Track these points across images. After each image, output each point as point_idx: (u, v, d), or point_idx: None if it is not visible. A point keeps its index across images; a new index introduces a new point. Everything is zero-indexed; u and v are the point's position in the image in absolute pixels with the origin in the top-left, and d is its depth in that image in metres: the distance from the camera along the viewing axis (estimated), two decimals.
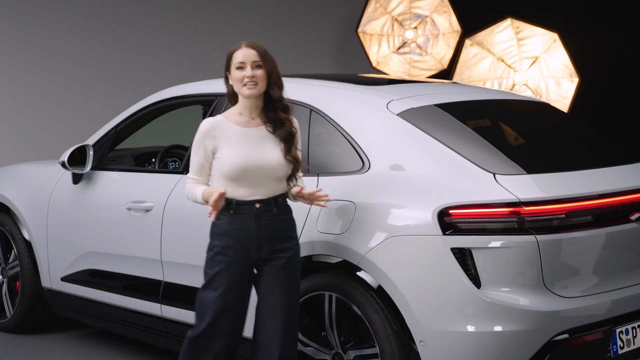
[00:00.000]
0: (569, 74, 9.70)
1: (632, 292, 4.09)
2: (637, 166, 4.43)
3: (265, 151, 3.82)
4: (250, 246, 3.81)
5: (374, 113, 4.27)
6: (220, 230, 3.84)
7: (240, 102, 3.90)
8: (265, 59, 3.86)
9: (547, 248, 3.75)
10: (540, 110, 4.89)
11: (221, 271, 3.82)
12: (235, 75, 3.83)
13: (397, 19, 10.31)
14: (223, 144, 3.82)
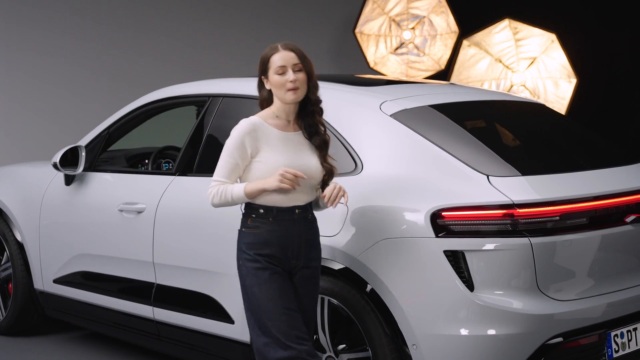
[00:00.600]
0: (567, 75, 9.67)
1: (628, 295, 4.05)
2: (633, 167, 4.39)
3: (306, 157, 3.67)
4: (291, 254, 3.66)
5: (367, 114, 4.23)
6: (261, 239, 3.64)
7: (277, 104, 3.70)
8: (305, 60, 3.68)
9: (541, 250, 3.72)
10: (536, 112, 4.86)
11: (273, 284, 3.61)
12: (275, 81, 3.64)
13: (394, 19, 10.28)
14: (264, 147, 3.63)
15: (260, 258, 3.61)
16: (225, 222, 4.41)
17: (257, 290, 3.61)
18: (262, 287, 3.61)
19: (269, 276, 3.60)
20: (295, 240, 3.65)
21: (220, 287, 4.46)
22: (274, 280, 3.61)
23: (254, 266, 3.62)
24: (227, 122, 4.77)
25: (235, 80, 5.02)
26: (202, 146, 4.76)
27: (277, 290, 3.60)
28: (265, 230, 3.63)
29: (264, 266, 3.61)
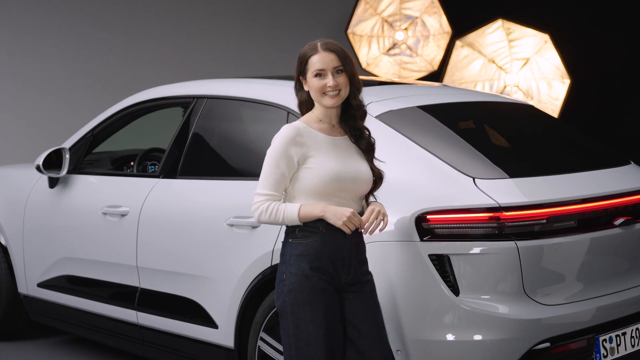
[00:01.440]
0: (560, 76, 9.62)
1: (617, 299, 4.00)
2: (623, 169, 4.34)
3: (357, 162, 3.43)
4: (341, 268, 3.39)
5: None
6: (310, 250, 3.35)
7: (318, 108, 3.46)
8: (346, 62, 3.41)
9: (527, 254, 3.65)
10: (525, 113, 4.79)
11: (317, 298, 3.34)
12: (313, 84, 3.39)
13: (387, 20, 10.22)
14: (313, 152, 3.36)
15: (310, 273, 3.34)
16: (210, 225, 4.36)
17: (299, 309, 3.34)
18: (307, 307, 3.33)
19: (317, 295, 3.33)
20: (347, 252, 3.39)
21: (204, 291, 4.40)
22: (322, 299, 3.34)
23: (301, 282, 3.34)
24: (212, 124, 4.73)
25: (220, 82, 4.96)
26: (186, 148, 4.70)
27: (323, 312, 3.33)
28: (315, 240, 3.35)
29: (313, 283, 3.34)
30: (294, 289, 3.35)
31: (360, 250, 3.45)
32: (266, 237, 4.10)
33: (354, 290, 3.42)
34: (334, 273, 3.38)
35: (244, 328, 4.22)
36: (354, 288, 3.42)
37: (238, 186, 4.37)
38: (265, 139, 4.43)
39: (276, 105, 4.38)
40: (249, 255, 4.17)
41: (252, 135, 4.61)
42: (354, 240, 3.41)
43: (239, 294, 4.21)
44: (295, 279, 3.35)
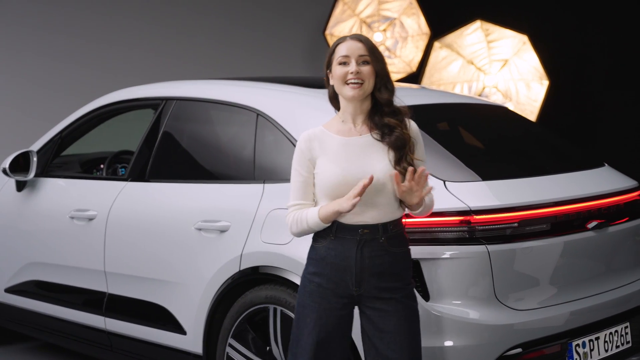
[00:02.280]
0: (539, 77, 9.59)
1: (591, 303, 3.95)
2: (596, 172, 4.29)
3: (369, 162, 3.22)
4: (349, 280, 3.24)
5: (323, 117, 4.07)
6: (317, 255, 3.27)
7: (343, 107, 3.32)
8: (374, 54, 3.25)
9: (499, 258, 3.60)
10: (499, 115, 4.74)
11: (312, 304, 3.26)
12: (337, 72, 3.24)
13: (365, 21, 10.16)
14: (321, 157, 3.26)
15: (312, 277, 3.26)
16: (178, 229, 4.29)
17: (299, 312, 3.30)
18: (305, 310, 3.28)
19: (314, 301, 3.25)
20: (354, 264, 3.21)
21: (172, 296, 4.33)
22: (318, 306, 3.24)
23: (304, 284, 3.30)
24: (181, 126, 4.65)
25: (189, 83, 4.88)
26: (154, 151, 4.62)
27: (314, 320, 3.24)
28: (323, 246, 3.26)
29: (312, 288, 3.26)
30: (300, 290, 3.32)
31: (379, 265, 3.22)
32: (235, 241, 4.03)
33: (374, 308, 3.24)
34: (340, 283, 3.23)
35: (212, 334, 4.15)
36: (373, 305, 3.24)
37: (207, 189, 4.30)
38: (235, 142, 4.40)
39: (245, 107, 4.31)
40: (217, 260, 4.10)
41: (221, 137, 4.54)
42: (369, 251, 3.21)
43: (207, 299, 4.13)
44: (302, 280, 3.31)
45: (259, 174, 4.13)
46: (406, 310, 3.25)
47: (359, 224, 3.21)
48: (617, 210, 4.10)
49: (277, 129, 4.14)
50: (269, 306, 3.90)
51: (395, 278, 3.24)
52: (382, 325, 3.23)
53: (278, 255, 3.86)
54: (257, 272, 3.96)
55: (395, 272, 3.25)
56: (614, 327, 4.01)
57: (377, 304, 3.23)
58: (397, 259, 3.26)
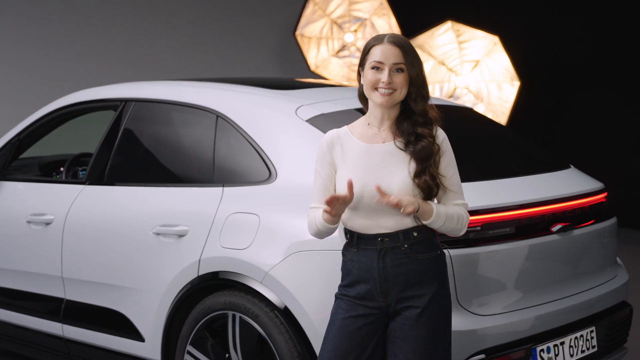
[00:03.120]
0: (510, 78, 9.57)
1: (556, 307, 3.89)
2: (561, 174, 4.23)
3: (388, 173, 3.07)
4: (375, 291, 3.11)
5: (282, 119, 4.01)
6: (345, 269, 3.17)
7: (370, 109, 3.17)
8: (412, 61, 3.08)
9: (461, 263, 3.52)
10: (463, 116, 4.66)
11: (337, 313, 3.15)
12: (368, 77, 3.09)
13: (336, 21, 10.09)
14: (341, 163, 3.13)
15: (343, 290, 3.15)
16: (136, 234, 4.20)
17: (328, 327, 3.19)
18: (331, 327, 3.16)
19: (337, 317, 3.14)
20: (377, 274, 3.09)
21: (130, 303, 4.24)
22: (340, 322, 3.13)
23: (336, 297, 3.20)
24: (139, 128, 4.56)
25: (148, 84, 4.78)
26: (113, 153, 4.52)
27: (336, 327, 3.13)
28: (349, 259, 3.15)
29: (338, 303, 3.17)
30: (335, 301, 3.21)
31: (404, 274, 3.10)
32: (193, 246, 3.95)
33: (400, 316, 3.12)
34: (367, 295, 3.11)
35: (171, 341, 4.06)
36: (401, 315, 3.12)
37: (165, 193, 4.21)
38: (194, 144, 4.31)
39: (205, 109, 4.22)
40: (175, 265, 4.01)
41: (180, 140, 4.44)
42: (391, 260, 3.09)
43: (165, 305, 4.04)
44: (336, 295, 3.21)
45: (218, 177, 4.04)
46: (430, 320, 3.11)
47: (377, 233, 3.10)
48: (582, 213, 4.04)
49: (236, 130, 4.06)
50: (228, 312, 3.81)
51: (422, 286, 3.11)
52: (403, 334, 3.11)
53: (237, 261, 3.77)
54: (216, 278, 3.88)
55: (422, 280, 3.11)
56: (579, 331, 3.95)
57: (403, 312, 3.11)
58: (423, 265, 3.12)
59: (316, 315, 3.55)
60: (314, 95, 4.30)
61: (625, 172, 9.78)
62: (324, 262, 3.55)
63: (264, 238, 3.72)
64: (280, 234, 3.69)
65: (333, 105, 4.10)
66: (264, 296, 3.68)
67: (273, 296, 3.66)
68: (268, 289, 3.67)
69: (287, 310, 3.63)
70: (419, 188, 3.06)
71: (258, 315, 3.70)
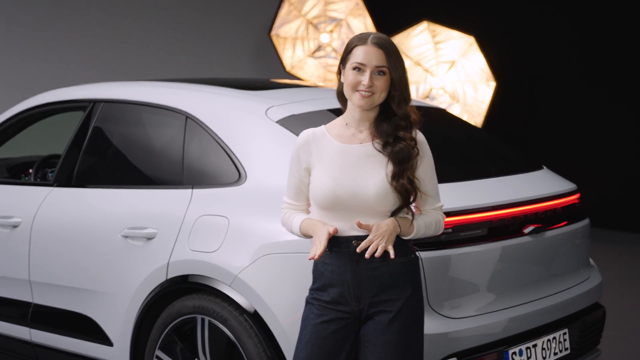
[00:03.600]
0: (486, 78, 9.56)
1: (529, 309, 3.86)
2: (534, 175, 4.21)
3: (364, 175, 3.01)
4: (347, 294, 3.06)
5: (252, 120, 3.96)
6: (317, 271, 3.10)
7: (349, 109, 3.10)
8: (395, 64, 3.01)
9: (432, 265, 3.48)
10: (436, 117, 4.60)
11: (310, 318, 3.08)
12: (349, 77, 3.02)
13: (311, 22, 10.05)
14: (316, 163, 3.08)
15: (314, 294, 3.09)
16: (104, 237, 4.14)
17: (301, 332, 3.12)
18: (302, 324, 3.11)
19: (313, 313, 3.07)
20: (351, 277, 3.03)
21: (98, 307, 4.18)
22: (314, 322, 3.06)
23: (307, 300, 3.13)
24: (108, 130, 4.50)
25: (117, 85, 4.71)
26: (81, 155, 4.45)
27: (309, 333, 3.06)
28: (321, 262, 3.08)
29: (309, 308, 3.10)
30: (306, 305, 3.14)
31: (377, 277, 3.04)
32: (161, 249, 3.89)
33: (372, 320, 3.07)
34: (340, 299, 3.05)
35: (139, 346, 4.00)
36: (373, 320, 3.06)
37: (134, 195, 4.15)
38: (163, 145, 4.25)
39: (174, 110, 4.17)
40: (144, 269, 3.95)
41: (149, 141, 4.38)
42: (365, 264, 3.02)
43: (134, 309, 3.98)
44: (306, 298, 3.14)
45: (187, 179, 3.99)
46: (403, 324, 3.07)
47: (352, 236, 3.03)
48: (554, 214, 4.01)
49: (206, 132, 4.00)
50: (197, 316, 3.76)
51: (395, 290, 3.06)
52: (375, 339, 3.06)
53: (206, 264, 3.72)
54: (185, 281, 3.82)
55: (395, 284, 3.06)
56: (552, 333, 3.93)
57: (376, 317, 3.06)
58: (397, 269, 3.06)
59: (286, 319, 3.51)
60: (285, 96, 4.26)
61: (600, 172, 9.80)
62: (294, 265, 3.51)
63: (233, 241, 3.67)
64: (250, 236, 3.64)
65: (304, 106, 4.06)
66: (233, 300, 3.63)
67: (242, 300, 3.61)
68: (237, 293, 3.62)
69: (257, 314, 3.58)
70: (396, 192, 3.01)
71: (227, 319, 3.65)
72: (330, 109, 4.06)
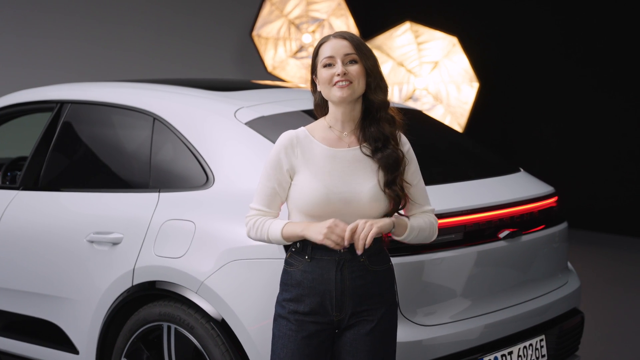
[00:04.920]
0: (469, 79, 9.48)
1: (506, 315, 3.77)
2: (510, 178, 4.12)
3: (357, 181, 2.92)
4: (330, 305, 2.95)
5: (220, 122, 3.86)
6: (292, 280, 2.97)
7: (331, 112, 3.00)
8: (362, 51, 2.93)
9: (404, 271, 3.38)
10: (410, 118, 4.50)
11: (288, 335, 2.96)
12: (322, 76, 2.94)
13: (293, 22, 9.95)
14: (302, 167, 2.94)
15: (289, 305, 2.95)
16: (69, 242, 4.03)
17: (275, 343, 2.99)
18: (280, 342, 2.97)
19: (291, 329, 2.95)
20: (334, 287, 2.93)
21: (64, 313, 4.07)
22: (294, 337, 2.94)
23: (280, 313, 2.99)
24: (75, 131, 4.39)
25: (84, 85, 4.60)
26: (47, 158, 4.34)
27: (292, 351, 2.94)
28: (298, 269, 2.95)
29: (285, 322, 2.97)
30: (274, 319, 3.01)
31: (360, 287, 2.96)
32: (127, 255, 3.79)
33: (351, 330, 2.98)
34: (319, 309, 2.94)
35: (105, 353, 3.89)
36: (352, 330, 2.98)
37: (100, 199, 4.04)
38: (130, 148, 4.14)
39: (141, 111, 4.06)
40: (109, 275, 3.84)
41: (117, 143, 4.27)
42: (349, 272, 2.94)
43: (99, 316, 3.88)
44: (276, 308, 3.01)
45: (154, 182, 3.88)
46: (381, 334, 3.00)
47: None
48: (531, 218, 3.92)
49: (174, 134, 3.90)
50: (163, 324, 3.66)
51: (376, 299, 2.99)
52: (354, 349, 2.98)
53: (171, 270, 3.62)
54: (151, 288, 3.72)
55: (376, 292, 2.99)
56: (529, 340, 3.84)
57: (355, 327, 2.98)
58: (379, 277, 3.00)
59: (253, 326, 3.41)
60: (256, 97, 4.15)
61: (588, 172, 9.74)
62: (261, 271, 3.41)
63: (199, 246, 3.56)
64: (216, 241, 3.54)
65: (275, 107, 3.96)
66: (200, 307, 3.53)
67: (209, 307, 3.51)
68: (203, 299, 3.52)
69: (224, 322, 3.48)
70: (389, 198, 2.95)
71: (193, 327, 3.55)
72: (303, 110, 3.97)
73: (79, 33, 9.49)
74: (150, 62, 9.95)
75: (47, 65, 9.15)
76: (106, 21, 9.71)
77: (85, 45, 9.49)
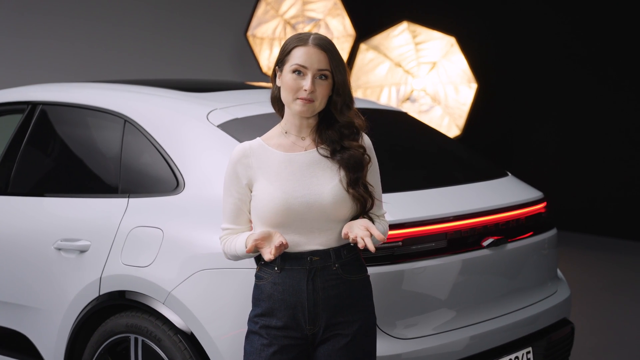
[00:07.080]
0: (467, 80, 9.34)
1: (491, 326, 3.62)
2: (496, 183, 3.95)
3: (317, 183, 2.79)
4: (302, 317, 2.80)
5: (192, 124, 3.69)
6: (262, 294, 2.82)
7: (287, 117, 2.88)
8: (338, 66, 2.78)
9: (382, 282, 3.22)
10: (392, 120, 4.35)
11: (259, 350, 2.80)
12: (287, 81, 2.79)
13: (289, 22, 9.80)
14: (259, 177, 2.81)
15: (261, 320, 2.81)
16: (36, 249, 3.88)
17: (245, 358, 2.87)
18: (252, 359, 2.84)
19: (263, 345, 2.80)
20: (306, 297, 2.78)
21: (31, 323, 3.91)
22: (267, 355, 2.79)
23: (252, 329, 2.85)
24: (45, 134, 4.23)
25: (54, 86, 4.43)
26: (17, 161, 4.18)
27: None
28: (268, 282, 2.81)
29: (260, 333, 2.82)
30: (246, 336, 2.87)
31: (334, 297, 2.81)
32: (94, 263, 3.63)
33: (325, 345, 2.83)
34: (291, 323, 2.79)
35: None
36: (326, 344, 2.83)
37: (69, 204, 3.88)
38: (101, 151, 3.98)
39: (112, 113, 3.90)
40: (77, 283, 3.69)
41: (87, 146, 4.11)
42: (322, 281, 2.79)
43: (67, 326, 3.73)
44: (249, 325, 2.86)
45: (124, 187, 3.72)
46: (358, 348, 2.85)
47: (307, 251, 2.79)
48: (518, 225, 3.75)
49: (144, 136, 3.74)
50: (130, 336, 3.50)
51: (352, 310, 2.84)
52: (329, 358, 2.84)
53: (138, 279, 3.46)
54: (120, 297, 3.56)
55: (352, 303, 2.84)
56: (515, 352, 3.68)
57: (331, 340, 2.83)
58: (354, 287, 2.85)
59: (220, 338, 3.25)
60: (231, 98, 3.98)
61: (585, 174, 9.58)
62: (230, 281, 3.25)
63: (167, 254, 3.41)
64: (185, 250, 3.38)
65: (249, 108, 3.79)
66: (167, 318, 3.37)
67: (176, 318, 3.35)
68: (171, 310, 3.36)
69: (192, 334, 3.32)
70: (354, 199, 2.80)
71: (161, 339, 3.39)
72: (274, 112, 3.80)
73: (74, 33, 9.36)
74: (144, 63, 9.81)
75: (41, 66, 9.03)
76: (100, 21, 9.58)
77: (79, 46, 9.37)
